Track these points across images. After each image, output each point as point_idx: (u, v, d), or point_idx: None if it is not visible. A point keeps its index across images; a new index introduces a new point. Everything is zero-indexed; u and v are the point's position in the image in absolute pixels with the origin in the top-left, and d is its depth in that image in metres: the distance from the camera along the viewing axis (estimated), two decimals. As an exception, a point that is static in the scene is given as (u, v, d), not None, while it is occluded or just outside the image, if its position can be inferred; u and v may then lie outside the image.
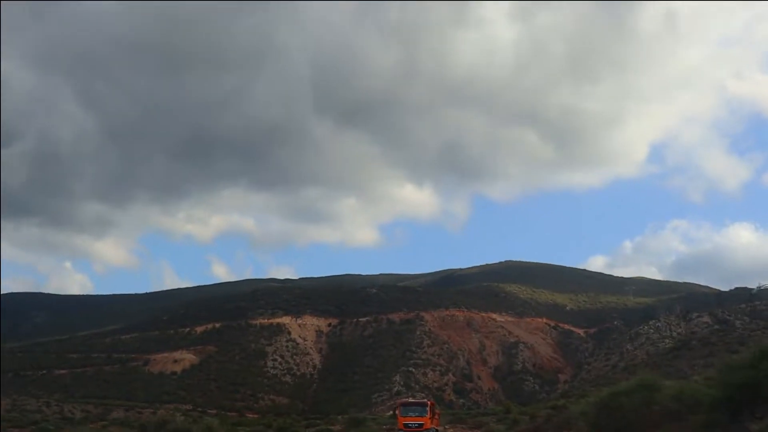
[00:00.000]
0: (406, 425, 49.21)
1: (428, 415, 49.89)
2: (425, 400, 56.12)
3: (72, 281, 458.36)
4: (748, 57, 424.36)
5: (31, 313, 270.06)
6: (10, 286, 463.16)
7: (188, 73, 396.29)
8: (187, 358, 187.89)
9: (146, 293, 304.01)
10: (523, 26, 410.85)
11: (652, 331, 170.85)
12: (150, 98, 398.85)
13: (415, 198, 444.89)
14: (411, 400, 59.45)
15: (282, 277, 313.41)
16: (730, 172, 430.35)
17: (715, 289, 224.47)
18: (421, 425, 49.20)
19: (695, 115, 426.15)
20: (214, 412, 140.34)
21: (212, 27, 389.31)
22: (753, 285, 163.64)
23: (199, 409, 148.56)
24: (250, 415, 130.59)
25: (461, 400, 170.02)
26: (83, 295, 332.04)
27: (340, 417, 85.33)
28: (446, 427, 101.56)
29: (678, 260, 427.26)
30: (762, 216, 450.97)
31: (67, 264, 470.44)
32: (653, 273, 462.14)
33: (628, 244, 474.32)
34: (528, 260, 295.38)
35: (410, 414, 50.08)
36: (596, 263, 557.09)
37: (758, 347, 19.88)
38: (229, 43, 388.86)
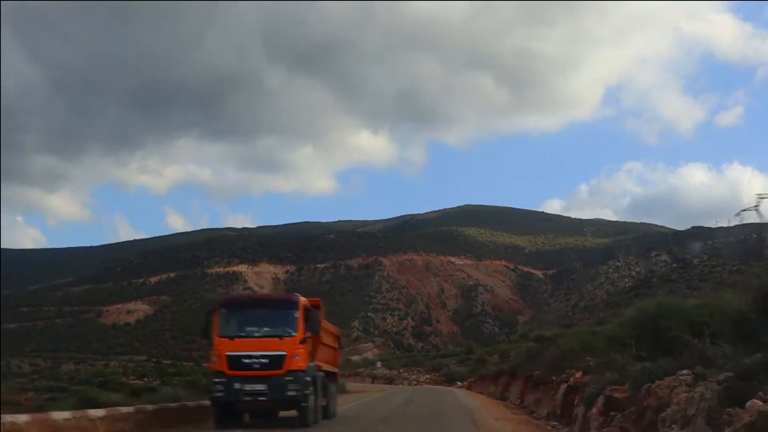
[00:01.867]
0: (233, 361, 17.66)
1: (297, 334, 18.02)
2: (292, 296, 19.78)
3: (24, 236, 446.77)
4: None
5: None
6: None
7: (138, 23, 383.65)
8: (141, 308, 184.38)
9: (101, 245, 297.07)
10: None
11: (611, 270, 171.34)
12: (99, 48, 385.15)
13: (372, 145, 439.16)
14: (249, 293, 18.85)
15: (239, 226, 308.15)
16: (684, 113, 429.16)
17: (672, 229, 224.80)
18: (278, 361, 17.69)
19: (650, 57, 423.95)
20: (169, 362, 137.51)
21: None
22: (708, 224, 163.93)
23: (154, 359, 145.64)
24: (207, 365, 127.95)
25: (420, 344, 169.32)
26: (37, 249, 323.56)
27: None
28: (400, 370, 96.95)
29: (633, 201, 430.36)
30: (715, 156, 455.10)
31: (19, 218, 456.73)
32: (608, 215, 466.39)
33: (583, 187, 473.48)
34: (486, 204, 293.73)
35: (248, 331, 18.38)
36: (553, 206, 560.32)
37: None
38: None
